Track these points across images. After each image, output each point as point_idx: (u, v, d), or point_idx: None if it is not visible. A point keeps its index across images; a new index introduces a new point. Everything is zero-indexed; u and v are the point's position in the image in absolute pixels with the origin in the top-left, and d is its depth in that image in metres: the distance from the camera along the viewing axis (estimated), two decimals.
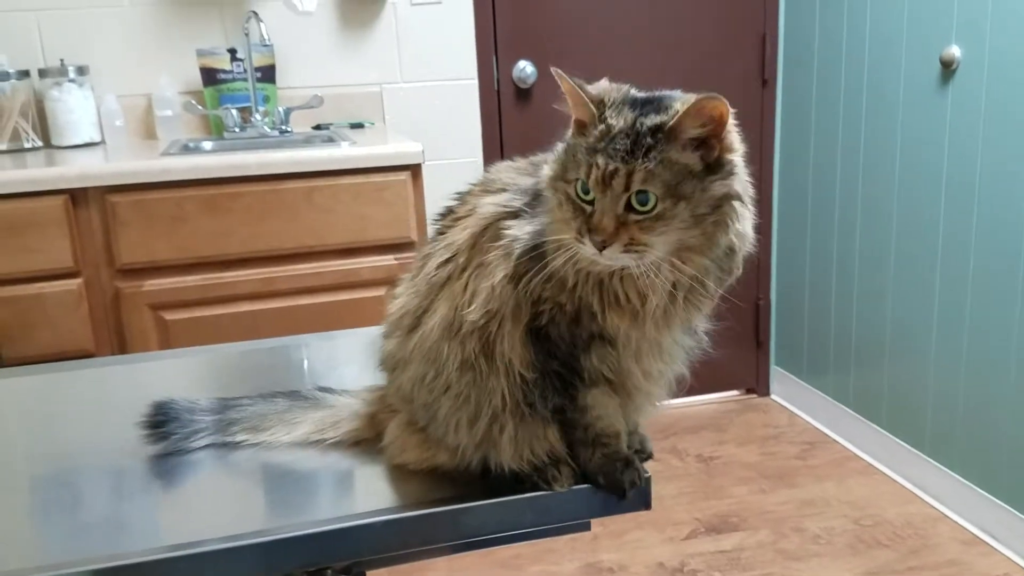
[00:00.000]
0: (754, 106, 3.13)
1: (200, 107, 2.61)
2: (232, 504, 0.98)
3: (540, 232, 0.87)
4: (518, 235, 0.88)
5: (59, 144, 2.52)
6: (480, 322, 0.88)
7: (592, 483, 0.94)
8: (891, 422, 2.76)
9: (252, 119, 2.63)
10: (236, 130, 2.60)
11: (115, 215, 2.09)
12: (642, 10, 2.98)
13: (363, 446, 1.05)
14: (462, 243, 0.92)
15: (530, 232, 0.88)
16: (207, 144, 2.57)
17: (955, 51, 2.32)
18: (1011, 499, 2.30)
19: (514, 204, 0.91)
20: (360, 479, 1.01)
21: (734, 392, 3.43)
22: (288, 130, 2.65)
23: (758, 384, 3.41)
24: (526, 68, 2.92)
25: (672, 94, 0.85)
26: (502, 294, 0.88)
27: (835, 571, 2.27)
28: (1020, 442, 2.25)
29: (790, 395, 3.31)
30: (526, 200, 0.91)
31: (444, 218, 0.98)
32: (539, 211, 0.89)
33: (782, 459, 2.89)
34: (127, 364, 1.48)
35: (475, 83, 2.90)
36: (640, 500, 0.96)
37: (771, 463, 2.86)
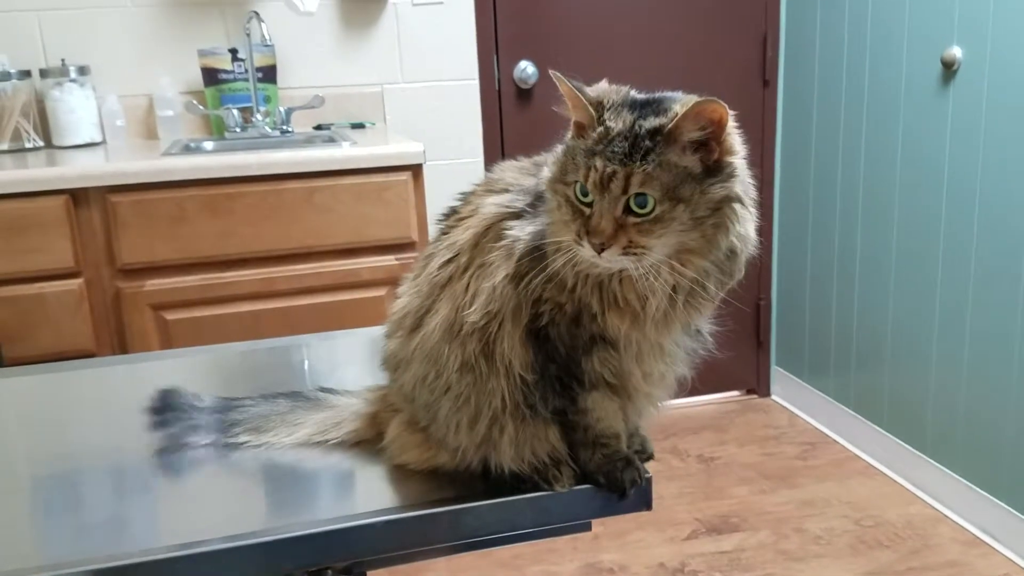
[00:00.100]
0: (755, 107, 3.13)
1: (201, 107, 2.61)
2: (232, 504, 0.98)
3: (542, 233, 0.87)
4: (520, 236, 0.88)
5: (60, 144, 2.52)
6: (480, 323, 0.88)
7: (593, 483, 0.94)
8: (892, 423, 2.76)
9: (253, 119, 2.63)
10: (237, 130, 2.60)
11: (116, 215, 2.09)
12: (643, 11, 2.98)
13: (364, 446, 1.05)
14: (464, 243, 0.92)
15: (532, 233, 0.88)
16: (208, 144, 2.57)
17: (956, 52, 2.31)
18: (1012, 500, 2.30)
19: (516, 204, 0.91)
20: (361, 479, 1.01)
21: (735, 392, 3.43)
22: (289, 130, 2.65)
23: (759, 384, 3.41)
24: (527, 68, 2.92)
25: (672, 96, 0.84)
26: (503, 294, 0.88)
27: (836, 572, 2.27)
28: (1021, 443, 2.25)
29: (791, 395, 3.30)
30: (529, 200, 0.91)
31: (448, 218, 0.98)
32: (541, 211, 0.89)
33: (783, 459, 2.89)
34: (128, 364, 1.48)
35: (476, 83, 2.90)
36: (641, 500, 0.96)
37: (772, 463, 2.86)
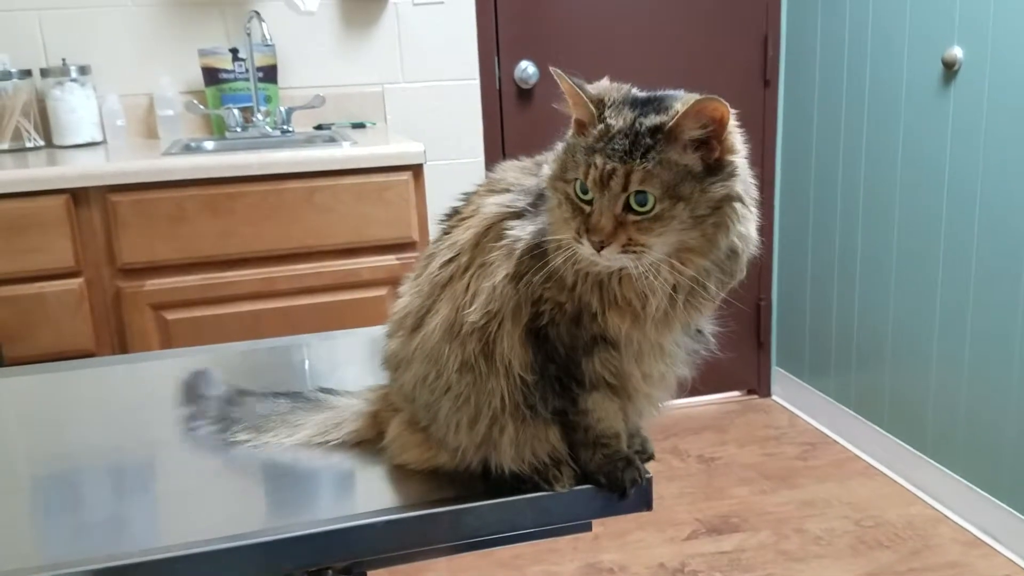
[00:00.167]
0: (756, 107, 3.13)
1: (202, 107, 2.61)
2: (232, 504, 0.98)
3: (543, 232, 0.86)
4: (520, 235, 0.88)
5: (61, 143, 2.52)
6: (480, 323, 0.88)
7: (593, 483, 0.94)
8: (892, 423, 2.75)
9: (254, 119, 2.63)
10: (238, 130, 2.60)
11: (116, 215, 2.09)
12: (644, 11, 2.98)
13: (364, 446, 1.05)
14: (465, 243, 0.92)
15: (533, 232, 0.87)
16: (208, 144, 2.57)
17: (957, 52, 2.31)
18: (1012, 501, 2.30)
19: (517, 204, 0.91)
20: (361, 479, 1.01)
21: (735, 393, 3.42)
22: (290, 130, 2.65)
23: (759, 385, 3.41)
24: (528, 68, 2.92)
25: (673, 94, 0.84)
26: (503, 294, 0.87)
27: (836, 572, 2.27)
28: (1022, 443, 2.25)
29: (791, 396, 3.30)
30: (530, 200, 0.91)
31: (450, 218, 0.98)
32: (542, 211, 0.88)
33: (783, 460, 2.89)
34: (128, 364, 1.48)
35: (477, 83, 2.90)
36: (641, 500, 0.96)
37: (772, 464, 2.86)
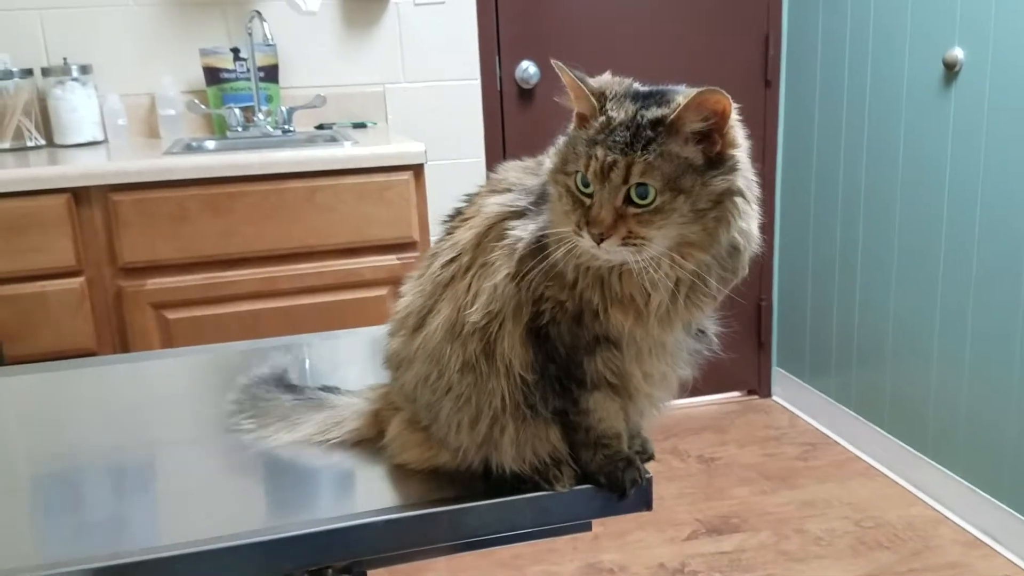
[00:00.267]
0: (757, 107, 3.13)
1: (203, 106, 2.61)
2: (232, 504, 0.98)
3: (543, 229, 0.86)
4: (522, 235, 0.88)
5: (62, 143, 2.52)
6: (481, 323, 0.88)
7: (593, 483, 0.94)
8: (893, 423, 2.75)
9: (255, 119, 2.63)
10: (239, 129, 2.60)
11: (117, 214, 2.09)
12: (644, 11, 2.98)
13: (365, 445, 1.05)
14: (467, 242, 0.92)
15: (534, 231, 0.87)
16: (210, 143, 2.57)
17: (958, 53, 2.31)
18: (1013, 501, 2.30)
19: (519, 204, 0.91)
20: (361, 479, 1.01)
21: (736, 393, 3.42)
22: (291, 130, 2.65)
23: (759, 385, 3.41)
24: (529, 68, 2.92)
25: (675, 88, 0.84)
26: (504, 293, 0.87)
27: (836, 573, 2.26)
28: (1022, 444, 2.24)
29: (791, 396, 3.30)
30: (531, 200, 0.91)
31: (452, 219, 0.98)
32: (544, 210, 0.88)
33: (783, 460, 2.88)
34: (129, 363, 1.48)
35: (478, 83, 2.90)
36: (641, 500, 0.96)
37: (772, 464, 2.86)
